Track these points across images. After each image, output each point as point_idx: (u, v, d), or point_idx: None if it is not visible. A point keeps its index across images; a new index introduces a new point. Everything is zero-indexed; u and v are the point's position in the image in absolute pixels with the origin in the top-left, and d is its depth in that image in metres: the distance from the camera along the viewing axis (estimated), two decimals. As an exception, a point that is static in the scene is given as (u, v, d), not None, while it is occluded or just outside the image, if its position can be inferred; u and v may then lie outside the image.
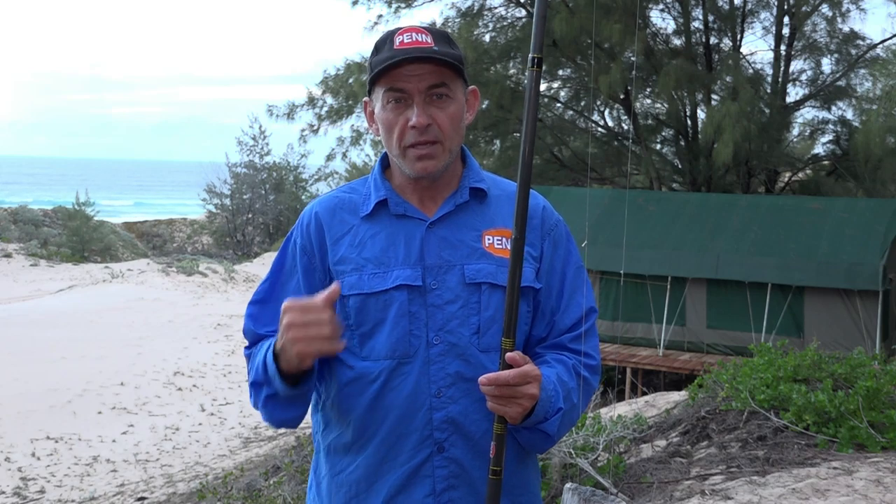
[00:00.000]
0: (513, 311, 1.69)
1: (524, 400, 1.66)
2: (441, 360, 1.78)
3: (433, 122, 1.77)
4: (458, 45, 1.88)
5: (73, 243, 30.28)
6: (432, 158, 1.79)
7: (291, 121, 19.85)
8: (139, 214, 54.79)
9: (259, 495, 6.51)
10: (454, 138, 1.81)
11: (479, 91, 1.92)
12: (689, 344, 13.11)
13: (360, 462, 1.82)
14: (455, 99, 1.81)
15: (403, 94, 1.77)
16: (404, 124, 1.78)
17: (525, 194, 1.71)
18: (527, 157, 1.72)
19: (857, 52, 17.57)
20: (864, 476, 3.77)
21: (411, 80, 1.76)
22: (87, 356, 14.79)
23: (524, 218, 1.70)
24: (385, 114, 1.80)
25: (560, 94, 19.88)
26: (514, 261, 1.69)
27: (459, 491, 1.79)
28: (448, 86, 1.79)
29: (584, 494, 3.60)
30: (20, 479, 9.65)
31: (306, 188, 37.44)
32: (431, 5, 28.99)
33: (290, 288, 1.86)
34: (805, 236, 12.77)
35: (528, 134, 1.73)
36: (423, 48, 1.76)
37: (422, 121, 1.76)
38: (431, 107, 1.78)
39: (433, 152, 1.79)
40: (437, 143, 1.78)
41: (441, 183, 1.85)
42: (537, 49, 1.73)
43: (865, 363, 4.99)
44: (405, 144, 1.79)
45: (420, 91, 1.77)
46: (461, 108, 1.83)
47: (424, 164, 1.79)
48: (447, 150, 1.81)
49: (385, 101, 1.80)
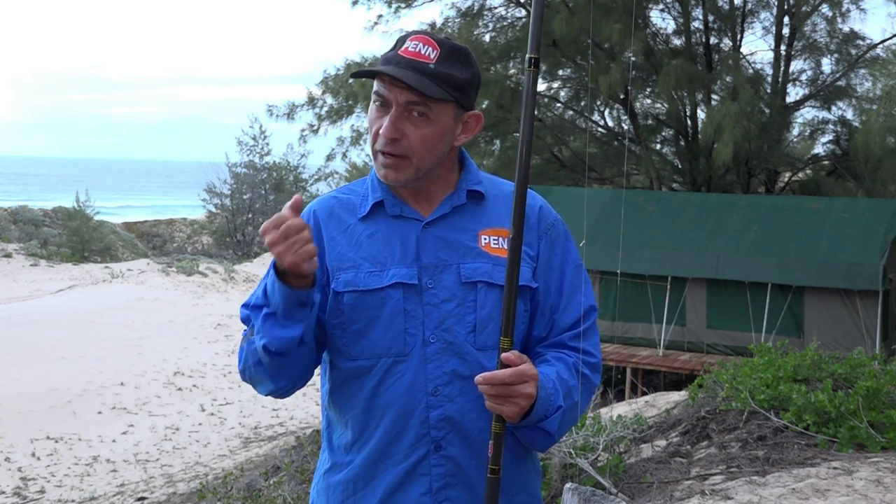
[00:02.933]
0: (510, 310, 1.69)
1: (521, 399, 1.67)
2: (438, 359, 1.78)
3: (403, 138, 1.77)
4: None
5: (73, 243, 30.27)
6: (395, 170, 1.79)
7: (291, 121, 19.88)
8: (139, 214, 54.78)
9: (259, 495, 6.51)
10: (426, 158, 1.78)
11: (482, 116, 1.88)
12: (689, 344, 13.11)
13: (357, 460, 1.83)
14: (435, 121, 1.77)
15: (386, 100, 1.78)
16: (378, 128, 1.79)
17: (522, 194, 1.71)
18: (524, 158, 1.73)
19: (857, 52, 17.58)
20: (864, 476, 3.77)
21: (393, 90, 1.76)
22: (87, 356, 14.79)
23: (522, 218, 1.71)
24: (371, 111, 1.83)
25: (560, 94, 19.89)
26: (512, 260, 1.70)
27: (457, 490, 1.79)
28: (429, 106, 1.76)
29: (584, 494, 3.60)
30: (20, 479, 9.65)
31: (306, 188, 37.41)
32: (431, 5, 28.96)
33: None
34: (805, 236, 12.77)
35: (526, 134, 1.74)
36: (419, 62, 1.75)
37: (388, 133, 1.76)
38: (407, 122, 1.77)
39: (397, 164, 1.78)
40: (405, 157, 1.78)
41: (438, 185, 1.86)
42: (534, 49, 1.73)
43: (865, 363, 4.99)
44: (376, 148, 1.80)
45: (399, 103, 1.76)
46: (443, 130, 1.79)
47: (386, 173, 1.80)
48: (414, 166, 1.79)
49: (373, 99, 1.81)
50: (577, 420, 1.84)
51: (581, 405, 1.84)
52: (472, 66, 1.81)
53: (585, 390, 1.84)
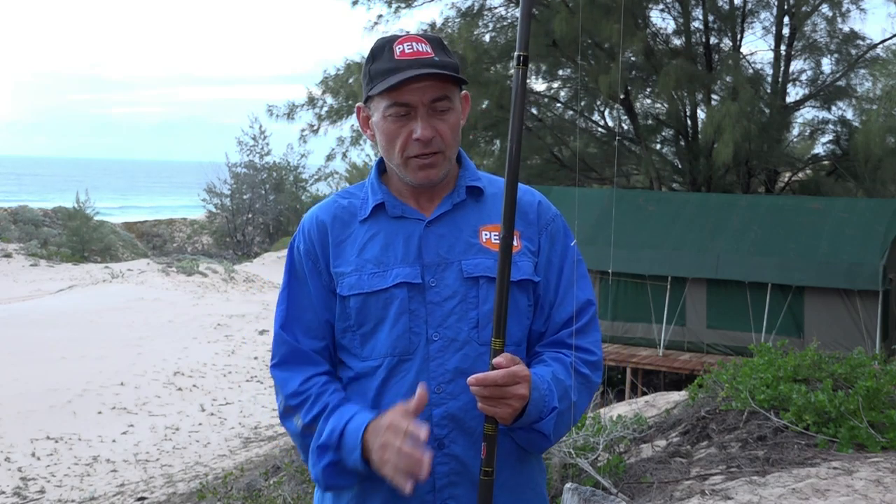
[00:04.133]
0: (502, 311, 1.69)
1: (514, 400, 1.67)
2: (440, 356, 1.79)
3: (437, 135, 1.80)
4: (458, 45, 1.91)
5: (73, 243, 30.27)
6: (434, 167, 1.82)
7: (291, 121, 19.87)
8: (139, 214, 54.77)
9: (259, 495, 6.51)
10: (454, 146, 1.85)
11: (469, 95, 1.94)
12: (689, 344, 13.11)
13: None
14: (455, 108, 1.84)
15: (407, 108, 1.79)
16: (407, 136, 1.80)
17: (512, 192, 1.72)
18: (514, 156, 1.74)
19: (857, 52, 17.57)
20: (864, 476, 3.77)
21: (415, 93, 1.78)
22: (87, 356, 14.79)
23: (512, 216, 1.71)
24: (386, 125, 1.82)
25: (560, 94, 19.89)
26: (503, 261, 1.70)
27: (460, 487, 1.79)
28: (449, 97, 1.82)
29: (584, 494, 3.60)
30: (20, 479, 9.65)
31: (306, 188, 37.44)
32: (431, 5, 28.98)
33: (305, 294, 1.87)
34: (805, 236, 12.77)
35: (515, 132, 1.75)
36: (425, 59, 1.78)
37: (427, 134, 1.79)
38: (434, 118, 1.80)
39: (435, 161, 1.81)
40: (440, 153, 1.81)
41: (438, 185, 1.87)
42: (523, 47, 1.73)
43: (865, 363, 4.99)
44: (408, 155, 1.81)
45: (424, 104, 1.79)
46: (459, 115, 1.86)
47: (427, 174, 1.82)
48: (447, 159, 1.84)
49: (386, 113, 1.81)
50: (577, 420, 1.83)
51: (580, 405, 1.83)
52: (450, 51, 1.88)
53: (585, 390, 1.84)
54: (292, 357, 1.86)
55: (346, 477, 1.78)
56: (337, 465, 1.76)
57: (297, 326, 1.86)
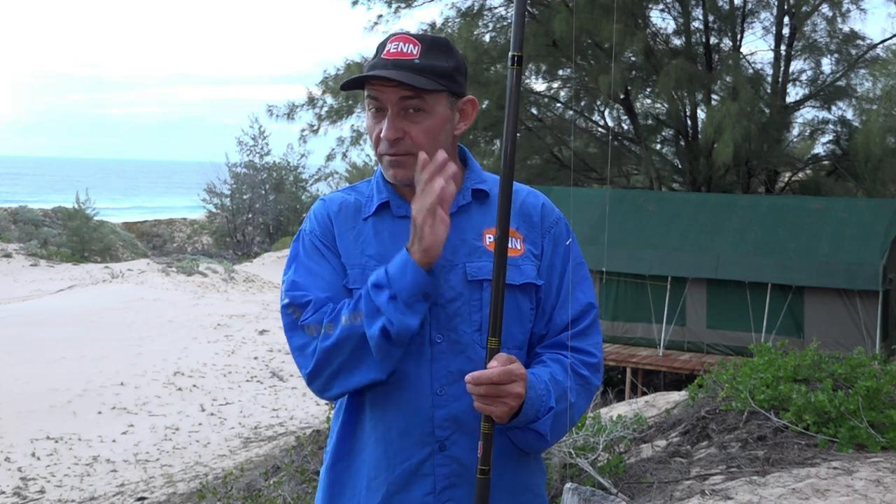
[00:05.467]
0: (497, 310, 1.68)
1: (510, 399, 1.66)
2: (443, 358, 1.78)
3: (405, 136, 1.78)
4: (458, 45, 1.89)
5: (73, 243, 30.28)
6: (402, 167, 1.80)
7: (291, 121, 19.88)
8: (139, 214, 54.78)
9: (259, 495, 6.51)
10: (430, 149, 1.77)
11: (476, 101, 1.90)
12: (689, 344, 13.11)
13: (360, 460, 1.83)
14: (432, 113, 1.79)
15: (380, 103, 1.79)
16: (378, 133, 1.80)
17: (507, 191, 1.71)
18: (508, 156, 1.73)
19: (857, 52, 17.58)
20: (864, 476, 3.77)
21: (385, 91, 1.78)
22: (87, 356, 14.79)
23: (507, 217, 1.71)
24: (367, 119, 1.84)
25: (560, 94, 19.89)
26: (498, 262, 1.70)
27: (461, 489, 1.78)
28: (423, 99, 1.77)
29: (584, 494, 3.60)
30: (20, 479, 9.65)
31: (306, 188, 37.44)
32: (431, 5, 29.03)
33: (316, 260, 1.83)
34: (805, 236, 12.77)
35: (510, 132, 1.74)
36: (402, 61, 1.76)
37: (389, 135, 1.78)
38: (405, 120, 1.78)
39: (404, 162, 1.80)
40: (410, 154, 1.79)
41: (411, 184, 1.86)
42: (517, 47, 1.73)
43: (865, 363, 4.99)
44: (380, 152, 1.82)
45: (393, 102, 1.78)
46: (441, 120, 1.80)
47: (395, 172, 1.81)
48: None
49: (367, 107, 1.83)
50: (576, 421, 1.83)
51: (579, 406, 1.82)
52: (454, 54, 1.83)
53: (584, 391, 1.83)
54: (305, 301, 1.79)
55: (404, 311, 1.69)
56: (394, 298, 1.69)
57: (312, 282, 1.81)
